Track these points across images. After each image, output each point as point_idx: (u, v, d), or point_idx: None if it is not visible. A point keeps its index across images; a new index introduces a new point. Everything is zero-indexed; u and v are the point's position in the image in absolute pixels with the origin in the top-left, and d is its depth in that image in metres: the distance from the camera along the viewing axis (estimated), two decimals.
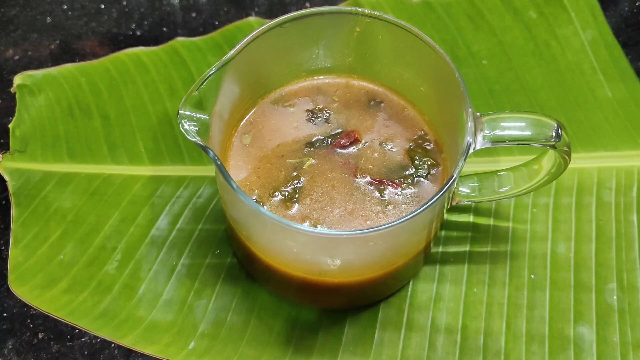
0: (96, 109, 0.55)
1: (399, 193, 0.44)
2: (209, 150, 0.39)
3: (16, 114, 0.54)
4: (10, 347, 0.47)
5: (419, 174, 0.45)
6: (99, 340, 0.47)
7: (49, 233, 0.50)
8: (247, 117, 0.47)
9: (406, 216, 0.37)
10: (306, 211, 0.43)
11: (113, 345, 0.47)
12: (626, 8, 0.62)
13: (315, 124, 0.47)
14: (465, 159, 0.39)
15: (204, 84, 0.40)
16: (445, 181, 0.44)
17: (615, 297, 0.48)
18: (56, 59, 0.59)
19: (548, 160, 0.44)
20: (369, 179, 0.44)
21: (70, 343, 0.47)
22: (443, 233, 0.50)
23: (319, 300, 0.48)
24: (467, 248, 0.50)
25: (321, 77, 0.49)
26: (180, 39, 0.58)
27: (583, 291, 0.48)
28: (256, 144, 0.46)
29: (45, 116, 0.54)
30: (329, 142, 0.46)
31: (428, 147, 0.46)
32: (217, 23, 0.61)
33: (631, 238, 0.50)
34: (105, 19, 0.61)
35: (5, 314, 0.48)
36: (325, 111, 0.47)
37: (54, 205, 0.51)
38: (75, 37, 0.60)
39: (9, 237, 0.50)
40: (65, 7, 0.62)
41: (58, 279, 0.48)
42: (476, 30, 0.58)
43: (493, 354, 0.46)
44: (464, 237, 0.50)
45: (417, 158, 0.45)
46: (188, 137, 0.39)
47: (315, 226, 0.43)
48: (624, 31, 0.60)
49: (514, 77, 0.56)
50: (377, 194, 0.44)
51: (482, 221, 0.51)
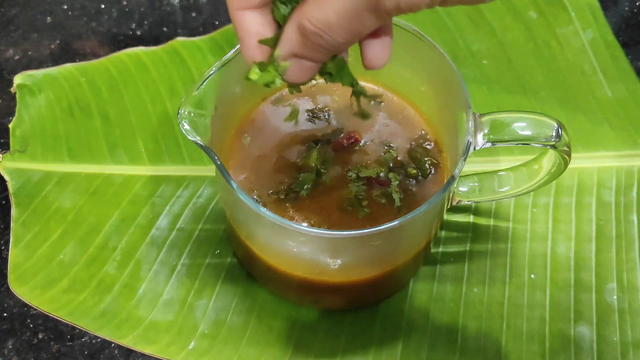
0: (96, 109, 0.55)
1: (399, 193, 0.44)
2: (209, 150, 0.39)
3: (16, 114, 0.54)
4: (10, 347, 0.47)
5: (419, 174, 0.45)
6: (99, 340, 0.47)
7: (49, 233, 0.50)
8: (247, 117, 0.47)
9: (406, 216, 0.37)
10: (306, 211, 0.43)
11: (113, 345, 0.47)
12: (626, 8, 0.62)
13: (315, 124, 0.47)
14: (465, 159, 0.39)
15: (204, 84, 0.40)
16: (445, 181, 0.44)
17: (615, 297, 0.48)
18: (56, 59, 0.59)
19: (548, 160, 0.44)
20: (370, 179, 0.44)
21: (70, 343, 0.47)
22: (443, 233, 0.50)
23: (319, 300, 0.48)
24: (467, 248, 0.50)
25: (321, 77, 0.48)
26: (180, 39, 0.58)
27: (583, 291, 0.48)
28: (256, 144, 0.46)
29: (45, 116, 0.54)
30: (330, 142, 0.46)
31: (428, 147, 0.46)
32: (217, 23, 0.61)
33: (631, 238, 0.50)
34: (105, 19, 0.61)
35: (5, 314, 0.48)
36: (325, 111, 0.47)
37: (54, 205, 0.51)
38: (75, 37, 0.60)
39: (9, 237, 0.50)
40: (65, 7, 0.62)
41: (58, 279, 0.48)
42: (476, 30, 0.58)
43: (493, 354, 0.46)
44: (464, 237, 0.50)
45: (418, 158, 0.45)
46: (188, 137, 0.39)
47: (315, 226, 0.43)
48: (624, 31, 0.60)
49: (514, 77, 0.56)
50: (378, 194, 0.44)
51: (482, 221, 0.51)
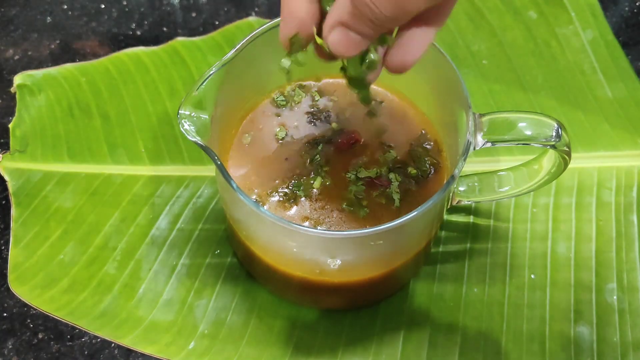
0: (96, 109, 0.55)
1: (399, 193, 0.44)
2: (209, 150, 0.39)
3: (16, 114, 0.54)
4: (10, 347, 0.47)
5: (420, 174, 0.45)
6: (99, 340, 0.47)
7: (49, 233, 0.50)
8: (247, 117, 0.47)
9: (406, 216, 0.37)
10: (306, 211, 0.43)
11: (113, 345, 0.47)
12: (626, 8, 0.62)
13: (315, 124, 0.47)
14: (465, 159, 0.39)
15: (204, 84, 0.40)
16: (445, 181, 0.44)
17: (615, 297, 0.48)
18: (56, 59, 0.59)
19: (548, 160, 0.44)
20: (370, 179, 0.44)
21: (70, 343, 0.47)
22: (443, 233, 0.50)
23: (319, 300, 0.48)
24: (467, 248, 0.50)
25: (321, 77, 0.49)
26: (180, 39, 0.58)
27: (583, 291, 0.48)
28: (256, 144, 0.46)
29: (45, 116, 0.55)
30: (330, 143, 0.46)
31: (428, 147, 0.46)
32: (217, 23, 0.61)
33: (631, 238, 0.50)
34: (105, 19, 0.61)
35: (5, 314, 0.48)
36: (325, 111, 0.47)
37: (54, 205, 0.51)
38: (75, 37, 0.60)
39: (9, 237, 0.50)
40: (65, 7, 0.62)
41: (58, 279, 0.48)
42: (476, 30, 0.58)
43: (493, 354, 0.46)
44: (464, 237, 0.50)
45: (418, 158, 0.45)
46: (188, 137, 0.39)
47: (315, 226, 0.43)
48: (624, 31, 0.60)
49: (514, 77, 0.56)
50: (378, 194, 0.44)
51: (482, 221, 0.51)
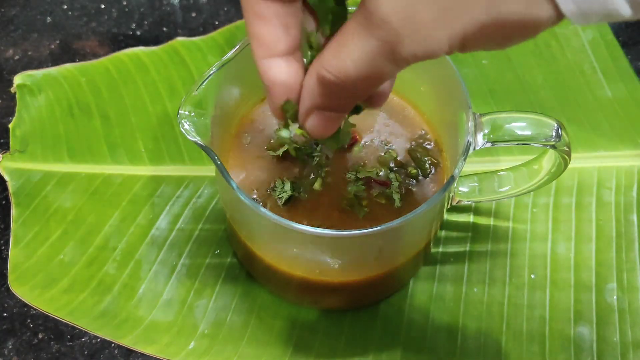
0: (96, 109, 0.55)
1: (400, 193, 0.44)
2: (209, 150, 0.39)
3: (16, 114, 0.54)
4: (10, 347, 0.47)
5: (420, 174, 0.45)
6: (99, 340, 0.47)
7: (49, 233, 0.50)
8: (247, 117, 0.47)
9: (406, 216, 0.37)
10: (306, 211, 0.43)
11: (113, 345, 0.47)
12: None
13: None
14: (465, 159, 0.39)
15: (204, 84, 0.40)
16: (445, 181, 0.44)
17: (615, 297, 0.48)
18: (56, 59, 0.59)
19: (548, 160, 0.44)
20: (370, 179, 0.44)
21: (70, 343, 0.47)
22: (443, 233, 0.50)
23: (319, 300, 0.48)
24: (467, 248, 0.50)
25: None
26: (180, 39, 0.58)
27: (583, 291, 0.48)
28: (256, 144, 0.46)
29: (45, 116, 0.54)
30: None
31: (428, 147, 0.46)
32: (217, 23, 0.61)
33: (631, 238, 0.50)
34: (105, 19, 0.61)
35: (5, 314, 0.48)
36: None
37: (54, 205, 0.51)
38: (75, 37, 0.60)
39: (9, 237, 0.50)
40: (65, 7, 0.62)
41: (58, 279, 0.48)
42: None
43: (493, 354, 0.46)
44: (464, 237, 0.50)
45: (418, 158, 0.45)
46: (188, 137, 0.39)
47: (315, 226, 0.43)
48: (624, 31, 0.60)
49: (514, 77, 0.56)
50: (378, 194, 0.44)
51: (482, 221, 0.51)
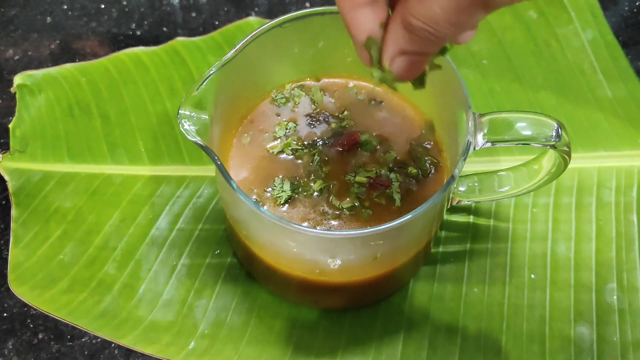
0: (96, 109, 0.55)
1: (400, 193, 0.44)
2: (209, 150, 0.39)
3: (16, 114, 0.54)
4: (10, 347, 0.47)
5: (420, 174, 0.45)
6: (99, 340, 0.47)
7: (49, 233, 0.50)
8: (247, 117, 0.47)
9: (406, 216, 0.37)
10: (306, 211, 0.43)
11: (113, 345, 0.47)
12: (626, 8, 0.62)
13: (315, 125, 0.47)
14: (465, 159, 0.39)
15: (204, 84, 0.40)
16: (445, 181, 0.44)
17: (615, 297, 0.48)
18: (56, 59, 0.59)
19: (548, 160, 0.44)
20: (370, 180, 0.44)
21: (70, 343, 0.47)
22: (443, 233, 0.50)
23: (319, 300, 0.48)
24: (467, 248, 0.50)
25: (321, 77, 0.49)
26: (180, 39, 0.58)
27: (583, 291, 0.48)
28: (256, 144, 0.46)
29: (45, 116, 0.54)
30: (330, 143, 0.46)
31: (428, 147, 0.46)
32: (217, 23, 0.61)
33: (631, 238, 0.50)
34: (105, 19, 0.61)
35: (5, 314, 0.48)
36: (325, 111, 0.47)
37: (54, 205, 0.51)
38: (75, 37, 0.60)
39: (9, 237, 0.50)
40: (65, 7, 0.62)
41: (58, 279, 0.48)
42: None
43: (493, 354, 0.46)
44: (464, 237, 0.50)
45: (418, 158, 0.45)
46: (188, 137, 0.39)
47: (314, 226, 0.43)
48: (624, 31, 0.60)
49: (514, 77, 0.56)
50: (378, 194, 0.44)
51: (482, 221, 0.51)
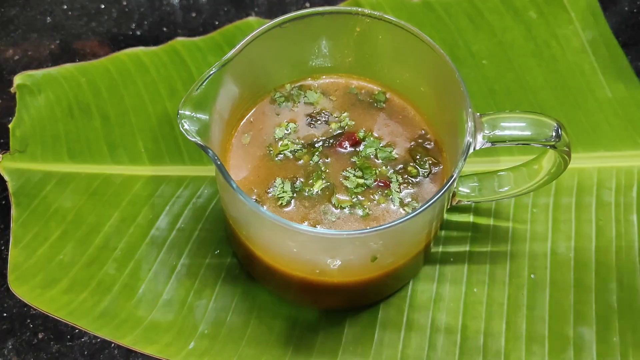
0: (96, 109, 0.55)
1: (400, 193, 0.44)
2: (209, 150, 0.39)
3: (16, 114, 0.54)
4: (10, 347, 0.47)
5: (420, 173, 0.45)
6: (99, 340, 0.47)
7: (49, 233, 0.50)
8: (247, 117, 0.47)
9: (406, 216, 0.37)
10: (306, 211, 0.43)
11: (113, 345, 0.47)
12: (626, 8, 0.62)
13: (314, 125, 0.47)
14: (465, 159, 0.39)
15: (204, 84, 0.40)
16: (445, 181, 0.44)
17: (615, 297, 0.48)
18: (56, 59, 0.59)
19: (548, 160, 0.44)
20: (370, 179, 0.44)
21: (70, 343, 0.47)
22: (443, 233, 0.50)
23: (319, 300, 0.48)
24: (467, 248, 0.50)
25: (321, 77, 0.49)
26: (180, 39, 0.58)
27: (583, 291, 0.48)
28: (256, 144, 0.46)
29: (45, 116, 0.54)
30: (330, 143, 0.46)
31: (428, 147, 0.46)
32: (217, 23, 0.61)
33: (631, 238, 0.50)
34: (105, 19, 0.61)
35: (5, 314, 0.48)
36: (325, 111, 0.47)
37: (54, 205, 0.51)
38: (75, 37, 0.60)
39: (9, 237, 0.50)
40: (65, 7, 0.62)
41: (58, 279, 0.48)
42: (476, 30, 0.58)
43: (493, 354, 0.46)
44: (464, 237, 0.50)
45: (419, 157, 0.45)
46: (188, 137, 0.39)
47: (314, 226, 0.43)
48: (624, 31, 0.60)
49: (514, 77, 0.56)
50: (378, 194, 0.44)
51: (482, 221, 0.51)
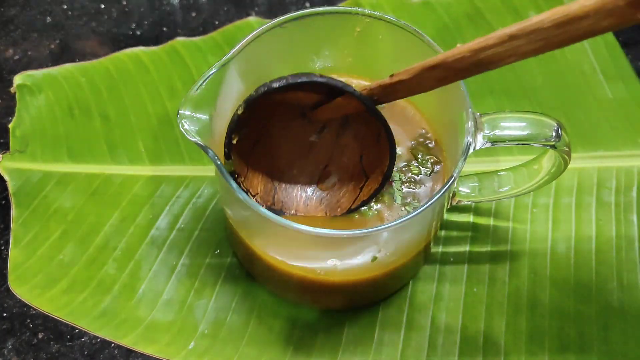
0: (96, 109, 0.55)
1: (401, 192, 0.44)
2: (209, 150, 0.39)
3: (16, 114, 0.54)
4: (10, 347, 0.47)
5: (421, 172, 0.45)
6: (99, 340, 0.47)
7: (49, 233, 0.50)
8: None
9: (406, 216, 0.37)
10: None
11: (113, 345, 0.47)
12: None
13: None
14: (465, 159, 0.39)
15: (204, 84, 0.40)
16: (445, 181, 0.44)
17: (615, 297, 0.48)
18: (56, 59, 0.59)
19: (548, 160, 0.44)
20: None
21: (70, 343, 0.47)
22: (443, 233, 0.50)
23: (319, 300, 0.48)
24: (467, 248, 0.50)
25: None
26: (180, 39, 0.58)
27: (583, 291, 0.48)
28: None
29: (45, 116, 0.54)
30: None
31: (429, 146, 0.46)
32: (217, 23, 0.61)
33: (631, 238, 0.50)
34: (105, 19, 0.61)
35: (5, 314, 0.48)
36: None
37: (54, 205, 0.51)
38: (75, 37, 0.60)
39: (9, 237, 0.50)
40: (65, 7, 0.62)
41: (58, 279, 0.48)
42: (476, 30, 0.58)
43: (493, 354, 0.46)
44: (464, 237, 0.50)
45: (420, 156, 0.45)
46: (188, 137, 0.39)
47: (315, 226, 0.43)
48: (624, 31, 0.60)
49: (514, 77, 0.56)
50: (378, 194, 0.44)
51: (482, 221, 0.51)
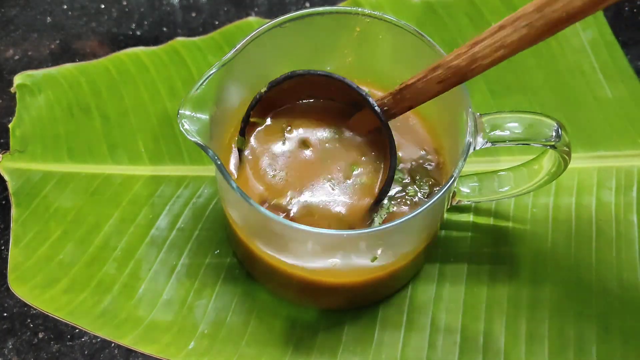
0: (96, 109, 0.55)
1: (401, 192, 0.44)
2: (209, 150, 0.39)
3: (16, 114, 0.54)
4: (10, 347, 0.47)
5: (422, 172, 0.45)
6: (99, 340, 0.47)
7: (49, 233, 0.50)
8: None
9: (406, 216, 0.37)
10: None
11: (113, 345, 0.47)
12: (626, 8, 0.62)
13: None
14: (465, 159, 0.39)
15: (204, 84, 0.40)
16: (445, 181, 0.44)
17: (615, 297, 0.48)
18: (56, 59, 0.59)
19: (548, 160, 0.44)
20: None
21: (70, 343, 0.47)
22: (443, 233, 0.50)
23: (319, 300, 0.48)
24: (467, 248, 0.50)
25: None
26: (180, 39, 0.58)
27: (583, 291, 0.48)
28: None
29: (45, 116, 0.54)
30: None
31: (428, 147, 0.46)
32: (217, 23, 0.61)
33: (631, 238, 0.50)
34: (105, 19, 0.61)
35: (5, 314, 0.48)
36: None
37: (54, 205, 0.51)
38: (75, 37, 0.60)
39: (9, 237, 0.50)
40: (65, 7, 0.62)
41: (58, 279, 0.48)
42: (476, 30, 0.58)
43: (493, 354, 0.46)
44: (464, 237, 0.50)
45: (418, 157, 0.45)
46: (188, 137, 0.39)
47: (315, 226, 0.43)
48: (624, 31, 0.60)
49: (514, 77, 0.56)
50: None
51: (482, 221, 0.51)
